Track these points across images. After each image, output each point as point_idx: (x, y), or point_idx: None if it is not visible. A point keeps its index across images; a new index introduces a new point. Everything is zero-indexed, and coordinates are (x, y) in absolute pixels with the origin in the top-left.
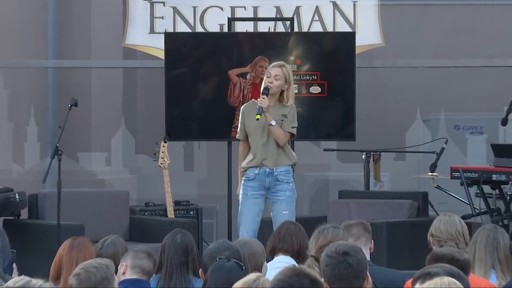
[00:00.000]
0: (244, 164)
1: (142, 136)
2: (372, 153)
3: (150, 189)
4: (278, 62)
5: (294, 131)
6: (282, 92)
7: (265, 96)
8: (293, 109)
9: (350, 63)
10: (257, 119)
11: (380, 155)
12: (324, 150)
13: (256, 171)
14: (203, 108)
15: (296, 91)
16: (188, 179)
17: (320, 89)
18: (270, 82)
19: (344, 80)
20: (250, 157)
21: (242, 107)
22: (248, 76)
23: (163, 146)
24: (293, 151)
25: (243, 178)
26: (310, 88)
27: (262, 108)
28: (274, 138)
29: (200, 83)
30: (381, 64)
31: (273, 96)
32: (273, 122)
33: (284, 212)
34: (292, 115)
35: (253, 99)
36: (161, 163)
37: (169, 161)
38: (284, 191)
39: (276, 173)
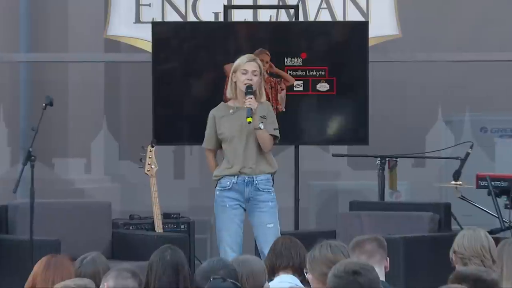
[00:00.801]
0: (217, 172)
1: (126, 140)
2: (387, 159)
3: (135, 199)
4: (249, 56)
5: (278, 133)
6: None
7: (252, 96)
8: (270, 108)
9: (363, 56)
10: (249, 122)
11: (396, 161)
12: (333, 155)
13: (233, 180)
14: (196, 108)
15: (301, 88)
16: (178, 188)
17: (328, 86)
18: (250, 80)
19: (356, 76)
20: (225, 164)
21: (211, 112)
22: None
23: (150, 151)
24: (274, 157)
25: (216, 188)
26: (317, 85)
27: (252, 110)
28: (259, 144)
29: (193, 79)
30: (397, 57)
31: (243, 94)
32: (262, 126)
33: (268, 226)
34: (272, 114)
35: (222, 102)
36: (148, 170)
37: (157, 168)
38: (266, 202)
39: (256, 181)
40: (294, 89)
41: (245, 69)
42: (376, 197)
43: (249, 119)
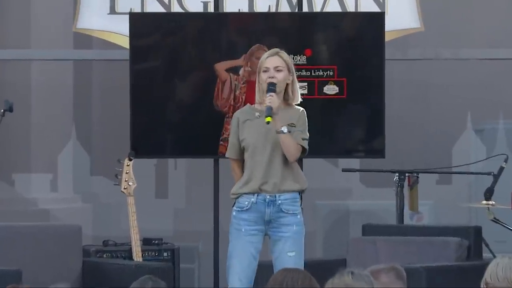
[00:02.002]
0: (234, 189)
1: (99, 152)
2: (407, 174)
3: (110, 222)
4: (271, 51)
5: (306, 144)
6: (285, 87)
7: (273, 94)
8: (303, 115)
9: (378, 54)
10: (267, 122)
11: (417, 177)
12: (343, 170)
13: (252, 199)
14: (181, 114)
15: (306, 91)
16: (161, 209)
17: (337, 88)
18: (272, 77)
19: (370, 77)
20: (243, 179)
21: (235, 114)
22: (241, 72)
23: (128, 165)
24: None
25: (233, 208)
26: (325, 88)
27: (272, 109)
28: (283, 152)
29: (178, 80)
30: (419, 55)
31: (276, 95)
32: (285, 129)
33: (289, 254)
34: (303, 122)
35: (248, 104)
36: (124, 188)
37: (136, 185)
38: (290, 226)
39: (279, 201)
40: None
41: (266, 66)
42: (393, 219)
43: (268, 119)
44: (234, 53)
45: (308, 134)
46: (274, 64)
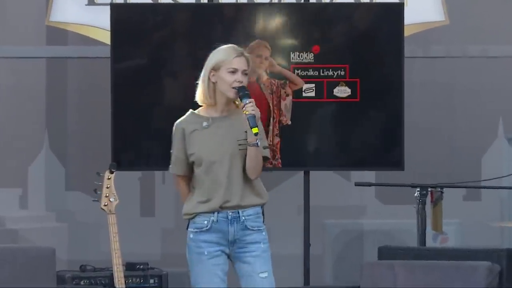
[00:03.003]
0: (188, 209)
1: (75, 163)
2: (430, 189)
3: (87, 244)
4: (236, 48)
5: (268, 153)
6: None
7: (252, 100)
8: (259, 120)
9: (397, 51)
10: (255, 133)
11: (442, 192)
12: (356, 185)
13: (212, 218)
14: (170, 120)
15: (313, 93)
16: (147, 229)
17: (349, 90)
18: (240, 82)
19: (387, 77)
20: (199, 197)
21: (177, 124)
22: None
23: (109, 179)
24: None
25: (189, 230)
26: (335, 90)
27: (255, 118)
28: (247, 167)
29: (166, 81)
30: (443, 52)
31: (227, 101)
32: (260, 142)
33: (262, 275)
34: (261, 129)
35: (190, 111)
36: (105, 205)
37: (118, 201)
38: (257, 244)
39: (243, 217)
40: (304, 94)
41: (234, 67)
42: (414, 241)
43: (256, 130)
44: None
45: (266, 140)
46: (243, 66)
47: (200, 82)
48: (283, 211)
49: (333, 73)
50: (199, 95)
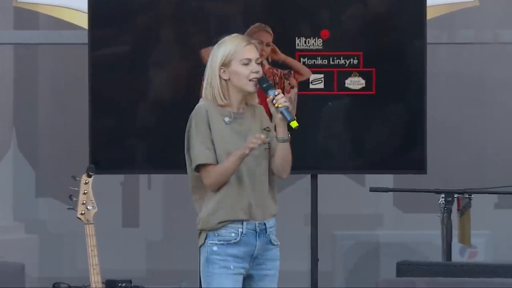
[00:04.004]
0: (210, 219)
1: (47, 166)
2: (456, 195)
3: (61, 259)
4: (244, 37)
5: None
6: None
7: (280, 90)
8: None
9: (418, 36)
10: (295, 127)
11: (470, 199)
12: (371, 190)
13: (241, 229)
14: (156, 117)
15: (321, 85)
16: (130, 241)
17: (363, 82)
18: (257, 72)
19: (407, 67)
20: (223, 204)
21: (202, 104)
22: None
23: (86, 184)
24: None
25: (211, 241)
26: (347, 81)
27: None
28: (278, 166)
29: (152, 72)
30: (472, 38)
31: (243, 98)
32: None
33: None
34: (267, 119)
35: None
36: (81, 214)
37: (97, 209)
38: (274, 261)
39: (268, 230)
40: (311, 86)
41: (247, 57)
42: (438, 255)
43: (295, 123)
44: (226, 34)
45: None
46: (255, 55)
47: (208, 82)
48: (287, 221)
49: (344, 61)
50: (209, 96)
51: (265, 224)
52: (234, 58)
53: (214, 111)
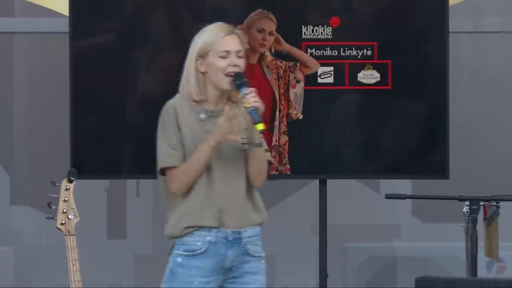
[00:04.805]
0: (177, 225)
1: (23, 170)
2: (482, 203)
3: (39, 274)
4: (225, 26)
5: (271, 157)
6: None
7: (254, 89)
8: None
9: (439, 23)
10: (261, 131)
11: (498, 207)
12: (387, 197)
13: (209, 238)
14: (145, 115)
15: (331, 79)
16: (116, 254)
17: (378, 75)
18: (236, 65)
19: (427, 59)
20: (191, 208)
21: (170, 102)
22: None
23: (67, 190)
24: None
25: (175, 251)
26: (360, 74)
27: (259, 111)
28: (251, 173)
29: (140, 65)
30: (499, 26)
31: (221, 94)
32: (263, 142)
33: None
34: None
35: (181, 93)
36: (62, 223)
37: (79, 219)
38: (255, 275)
39: (244, 240)
40: (319, 80)
41: (225, 49)
42: (462, 269)
43: (261, 126)
44: (224, 22)
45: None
46: (236, 46)
47: (184, 74)
48: (292, 231)
49: (357, 52)
50: (185, 91)
51: (240, 233)
52: (211, 49)
53: (187, 108)
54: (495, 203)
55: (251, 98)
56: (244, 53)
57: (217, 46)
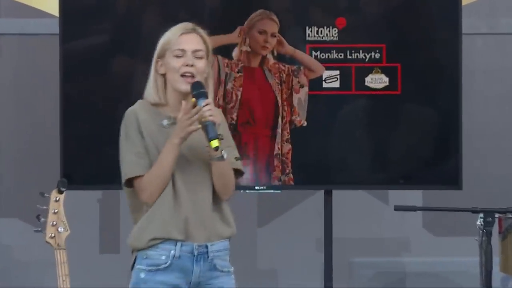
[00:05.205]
0: (140, 236)
1: (10, 180)
2: (497, 215)
3: None
4: (185, 24)
5: (241, 165)
6: None
7: (210, 100)
8: (223, 117)
9: (451, 24)
10: (216, 148)
11: None
12: (396, 209)
13: (173, 251)
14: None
15: (337, 84)
16: (109, 269)
17: (387, 80)
18: (191, 65)
19: (438, 62)
20: (155, 220)
21: (131, 109)
22: (235, 53)
23: (57, 201)
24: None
25: (138, 266)
26: (367, 79)
27: (215, 125)
28: (216, 185)
29: (135, 68)
30: None
31: (181, 99)
32: (226, 154)
33: None
34: (227, 130)
35: (142, 99)
36: (51, 237)
37: (69, 232)
38: None
39: (211, 254)
40: (324, 85)
41: (181, 48)
42: (476, 286)
43: (216, 143)
44: (223, 23)
45: (236, 147)
46: (193, 46)
47: (149, 76)
48: (295, 245)
49: (364, 55)
50: (148, 91)
51: (207, 246)
52: (168, 48)
53: (148, 114)
54: (511, 216)
55: (207, 111)
56: (206, 54)
57: (173, 45)
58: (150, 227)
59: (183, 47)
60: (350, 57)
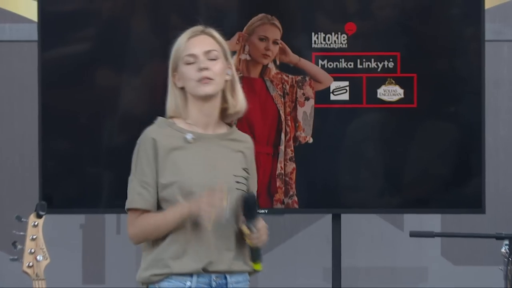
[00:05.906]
0: (153, 267)
1: None
2: None
3: None
4: (194, 28)
5: (260, 266)
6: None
7: (264, 225)
8: (252, 147)
9: (473, 31)
10: (257, 270)
11: None
12: (412, 235)
13: (189, 283)
14: (127, 138)
15: (346, 96)
16: None
17: (401, 92)
18: (206, 68)
19: (459, 72)
20: (169, 251)
21: (145, 132)
22: (234, 60)
23: (35, 227)
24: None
25: None
26: (380, 90)
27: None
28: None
29: (122, 78)
30: None
31: (207, 115)
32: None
33: None
34: (253, 163)
35: (160, 117)
36: (29, 266)
37: (49, 261)
38: None
39: (231, 285)
40: (332, 97)
41: (190, 53)
42: None
43: (258, 266)
44: (220, 29)
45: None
46: (203, 47)
47: (168, 92)
48: (301, 275)
49: (376, 64)
50: (170, 106)
51: (226, 278)
52: (179, 57)
53: (169, 134)
54: None
55: (255, 239)
56: (223, 54)
57: (182, 52)
58: (166, 261)
59: (192, 52)
60: (361, 66)
